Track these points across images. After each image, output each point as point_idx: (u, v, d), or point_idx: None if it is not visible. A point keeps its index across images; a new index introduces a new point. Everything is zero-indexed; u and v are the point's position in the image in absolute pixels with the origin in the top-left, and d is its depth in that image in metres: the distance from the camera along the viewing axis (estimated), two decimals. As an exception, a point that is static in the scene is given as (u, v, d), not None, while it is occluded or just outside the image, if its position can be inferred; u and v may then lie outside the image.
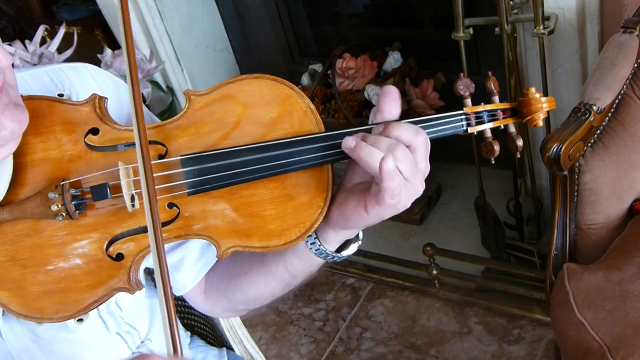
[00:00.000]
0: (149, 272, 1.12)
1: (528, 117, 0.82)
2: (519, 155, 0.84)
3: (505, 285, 2.07)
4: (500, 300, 2.06)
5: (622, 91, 1.37)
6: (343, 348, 2.11)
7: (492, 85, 0.82)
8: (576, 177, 1.35)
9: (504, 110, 0.82)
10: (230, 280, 0.93)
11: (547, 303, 1.42)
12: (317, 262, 0.84)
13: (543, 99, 0.81)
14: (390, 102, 0.76)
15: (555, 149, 1.28)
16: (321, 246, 0.81)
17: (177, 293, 0.96)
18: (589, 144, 1.35)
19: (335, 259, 0.83)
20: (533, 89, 0.82)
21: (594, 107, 1.33)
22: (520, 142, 0.82)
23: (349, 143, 0.73)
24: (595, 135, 1.36)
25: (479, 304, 2.09)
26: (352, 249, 0.84)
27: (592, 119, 1.32)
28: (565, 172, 1.34)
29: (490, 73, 0.83)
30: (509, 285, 2.07)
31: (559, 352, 1.44)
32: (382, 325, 2.14)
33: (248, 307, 0.97)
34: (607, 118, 1.37)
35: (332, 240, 0.81)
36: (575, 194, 1.37)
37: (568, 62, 1.72)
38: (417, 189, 0.74)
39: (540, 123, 0.82)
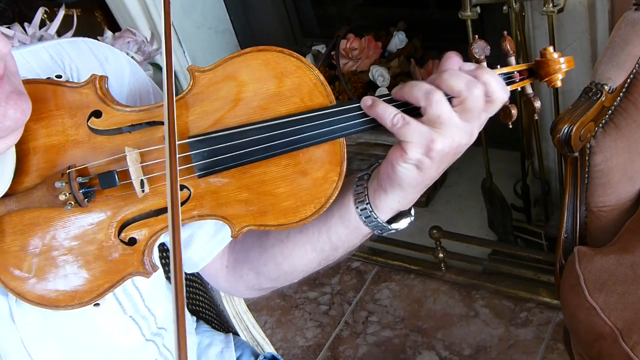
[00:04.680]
0: (165, 255, 1.11)
1: (546, 79, 0.78)
2: (536, 117, 0.81)
3: (513, 268, 2.06)
4: (508, 283, 2.05)
5: (634, 70, 1.34)
6: (349, 332, 2.10)
7: (508, 45, 0.78)
8: (587, 158, 1.33)
9: (520, 72, 0.79)
10: (263, 252, 0.89)
11: (556, 286, 1.40)
12: (364, 232, 0.81)
13: (561, 59, 0.77)
14: (450, 61, 0.74)
15: (566, 130, 1.26)
16: (372, 212, 0.78)
17: (189, 270, 0.94)
18: (600, 125, 1.33)
19: (383, 231, 0.81)
20: (550, 48, 0.78)
21: (606, 87, 1.30)
22: (538, 104, 0.79)
23: (366, 101, 0.73)
24: (607, 116, 1.33)
25: (485, 287, 2.08)
26: (403, 223, 0.81)
27: (603, 99, 1.30)
28: (576, 154, 1.32)
29: (505, 33, 0.79)
30: (516, 268, 2.05)
31: (567, 335, 1.42)
32: (388, 308, 2.13)
33: (276, 284, 0.93)
34: (618, 98, 1.34)
35: (384, 206, 0.78)
36: (586, 175, 1.35)
37: (577, 41, 1.68)
38: (455, 138, 0.72)
39: (559, 83, 0.79)
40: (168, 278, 1.19)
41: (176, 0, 2.39)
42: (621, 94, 1.34)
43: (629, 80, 1.34)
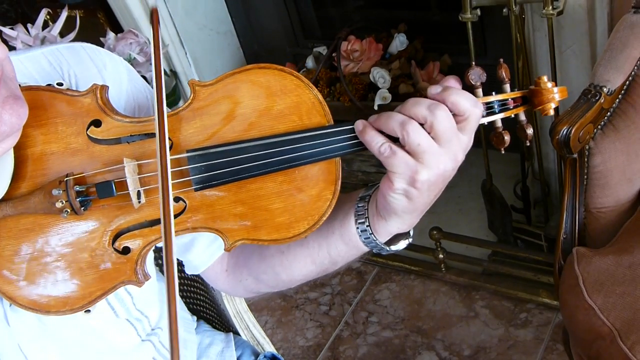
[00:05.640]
0: (158, 256, 1.11)
1: (539, 107, 0.79)
2: (528, 144, 0.82)
3: (512, 269, 2.06)
4: (507, 284, 2.05)
5: (632, 72, 1.35)
6: (349, 332, 2.10)
7: (504, 73, 0.79)
8: (586, 160, 1.34)
9: (514, 99, 0.80)
10: (263, 260, 0.90)
11: (555, 287, 1.40)
12: (363, 250, 0.83)
13: (555, 89, 0.78)
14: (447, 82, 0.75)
15: (565, 132, 1.26)
16: (372, 235, 0.80)
17: (190, 272, 0.95)
18: (599, 127, 1.33)
19: (382, 251, 0.82)
20: (545, 78, 0.79)
21: (605, 89, 1.31)
22: (530, 131, 0.80)
23: (358, 126, 0.74)
24: (606, 118, 1.34)
25: (485, 288, 2.08)
26: (402, 244, 0.82)
27: (602, 100, 1.30)
28: (575, 155, 1.32)
29: (501, 60, 0.80)
30: (515, 269, 2.06)
31: (567, 335, 1.43)
32: (388, 309, 2.13)
33: (274, 290, 0.95)
34: (617, 100, 1.35)
35: (383, 231, 0.80)
36: (585, 177, 1.35)
37: (577, 44, 1.69)
38: (440, 166, 0.72)
39: (551, 112, 0.80)
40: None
41: (178, 2, 2.39)
42: (620, 96, 1.35)
43: (627, 82, 1.35)
